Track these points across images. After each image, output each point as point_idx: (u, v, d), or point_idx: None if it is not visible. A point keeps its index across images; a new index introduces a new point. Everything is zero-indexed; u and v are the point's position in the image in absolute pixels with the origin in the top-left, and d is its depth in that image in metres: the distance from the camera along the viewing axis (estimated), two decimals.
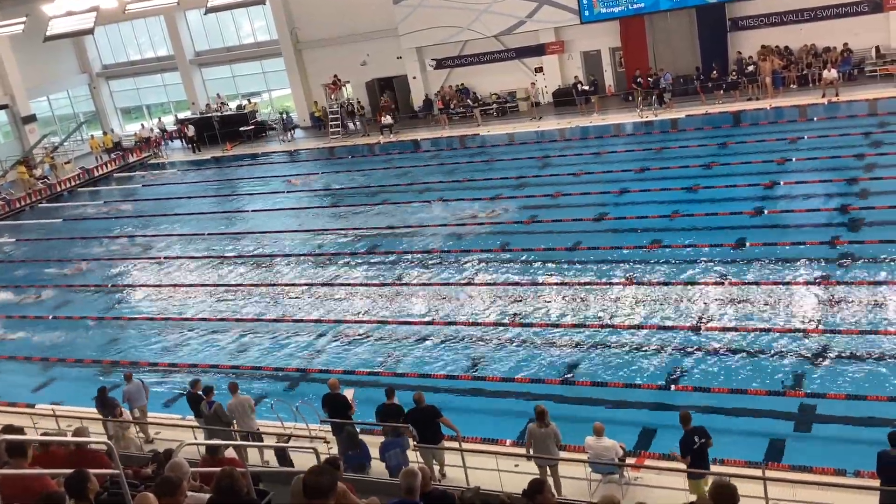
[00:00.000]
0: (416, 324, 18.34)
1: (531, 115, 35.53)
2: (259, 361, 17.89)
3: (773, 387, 13.49)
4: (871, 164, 22.82)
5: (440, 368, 16.18)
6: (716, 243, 19.50)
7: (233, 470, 5.92)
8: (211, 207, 32.07)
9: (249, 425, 13.20)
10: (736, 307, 16.41)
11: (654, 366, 14.88)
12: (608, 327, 16.56)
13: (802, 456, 11.57)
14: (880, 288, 16.07)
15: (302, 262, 23.81)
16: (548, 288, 19.05)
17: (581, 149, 30.80)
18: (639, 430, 12.88)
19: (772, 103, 29.94)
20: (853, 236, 18.73)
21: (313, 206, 30.09)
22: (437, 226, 24.64)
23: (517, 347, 16.50)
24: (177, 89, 48.29)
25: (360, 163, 34.88)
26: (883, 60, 30.82)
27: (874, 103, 27.86)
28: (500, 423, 13.98)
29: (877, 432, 11.04)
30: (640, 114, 31.89)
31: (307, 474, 4.59)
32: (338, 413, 12.65)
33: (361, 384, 15.49)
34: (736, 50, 32.94)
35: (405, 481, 6.58)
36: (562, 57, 36.98)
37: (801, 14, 32.07)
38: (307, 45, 42.25)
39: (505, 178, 28.19)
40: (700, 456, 10.39)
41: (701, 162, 25.85)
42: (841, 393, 12.99)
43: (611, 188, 25.04)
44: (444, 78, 39.66)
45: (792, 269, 17.52)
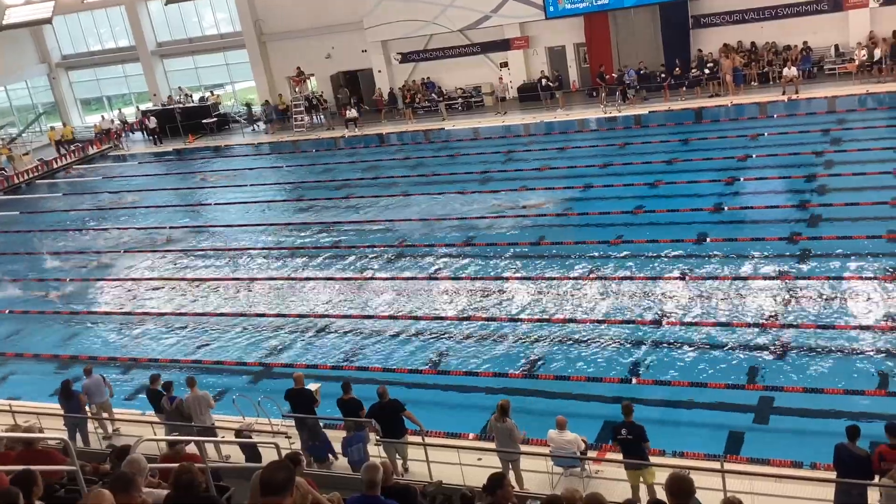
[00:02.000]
0: (379, 318, 18.30)
1: (496, 110, 35.59)
2: (221, 356, 17.73)
3: (732, 380, 13.66)
4: (829, 161, 23.20)
5: (404, 363, 16.17)
6: (677, 238, 19.70)
7: (191, 465, 5.86)
8: (172, 200, 31.71)
9: (205, 421, 13.06)
10: (697, 302, 16.60)
11: (616, 360, 14.99)
12: (571, 321, 16.65)
13: (761, 448, 11.73)
14: (838, 283, 16.34)
15: (265, 256, 23.64)
16: (512, 282, 19.11)
17: (545, 144, 30.93)
18: (601, 424, 12.96)
19: (733, 100, 30.31)
20: (812, 232, 19.02)
21: (277, 199, 29.88)
22: (401, 220, 24.61)
23: (481, 342, 16.53)
24: (138, 80, 47.67)
25: (324, 156, 34.71)
26: (842, 59, 31.33)
27: (833, 101, 28.31)
28: (464, 417, 14.00)
29: (834, 425, 11.24)
30: (604, 110, 32.10)
31: (264, 470, 4.56)
32: (301, 408, 12.58)
33: (325, 378, 15.40)
34: (697, 47, 33.28)
35: (367, 476, 6.56)
36: (527, 52, 37.10)
37: (762, 12, 32.49)
38: (271, 37, 41.91)
39: (469, 172, 28.24)
40: (627, 449, 10.57)
41: (663, 158, 26.10)
42: (798, 386, 13.19)
43: (575, 183, 25.17)
44: (410, 72, 39.58)
45: (752, 265, 17.75)
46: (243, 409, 13.75)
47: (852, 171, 22.03)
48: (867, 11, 30.77)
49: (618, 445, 10.87)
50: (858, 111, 27.53)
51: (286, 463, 5.07)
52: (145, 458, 6.97)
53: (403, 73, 39.72)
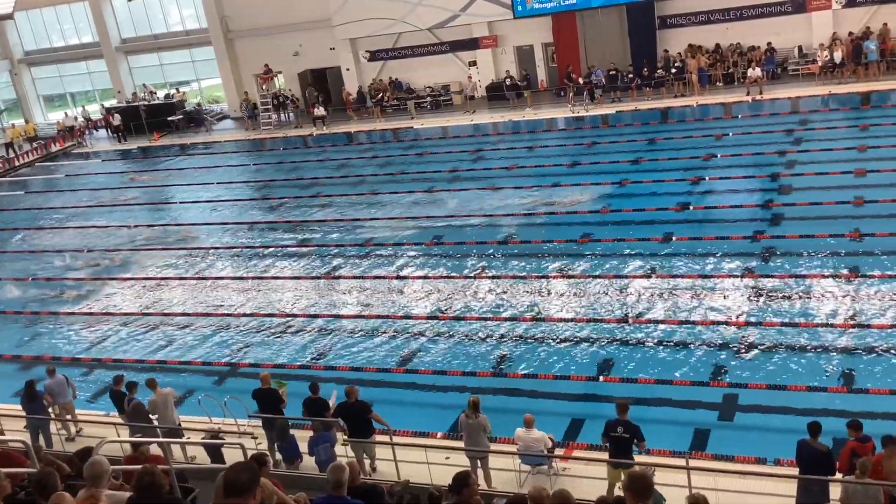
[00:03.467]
0: (347, 317, 18.24)
1: (465, 109, 35.61)
2: (186, 356, 17.56)
3: (697, 377, 13.81)
4: (792, 161, 23.51)
5: (372, 362, 16.12)
6: (644, 237, 19.87)
7: (153, 467, 5.79)
8: (137, 198, 31.34)
9: (172, 420, 12.92)
10: (663, 300, 16.74)
11: (583, 357, 15.08)
12: (539, 320, 16.72)
13: (725, 445, 11.86)
14: (800, 281, 16.56)
15: (231, 255, 23.45)
16: (480, 281, 19.13)
17: (514, 143, 31.02)
18: (568, 422, 13.04)
19: (698, 100, 30.60)
20: (775, 231, 19.26)
21: (244, 198, 29.67)
22: (370, 219, 24.56)
23: (449, 340, 16.54)
24: (102, 77, 47.06)
25: (292, 155, 34.53)
26: (805, 60, 31.77)
27: (796, 101, 28.70)
28: (432, 416, 14.01)
29: (796, 421, 11.38)
30: (571, 109, 32.25)
31: (227, 471, 4.51)
32: (268, 408, 12.50)
33: (293, 378, 15.30)
34: (664, 48, 33.56)
35: (333, 476, 6.53)
36: (495, 51, 37.16)
37: (727, 13, 32.83)
38: (238, 34, 41.57)
39: (438, 171, 28.24)
40: (619, 447, 10.59)
41: (630, 157, 26.30)
42: (762, 383, 13.35)
43: (543, 182, 25.26)
44: (378, 70, 39.49)
45: (716, 263, 17.94)
46: (209, 409, 13.62)
47: (815, 170, 22.33)
48: (830, 13, 31.23)
49: (608, 443, 10.77)
50: (821, 111, 27.93)
51: (250, 464, 5.02)
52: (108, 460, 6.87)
53: (372, 71, 39.62)
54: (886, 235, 17.69)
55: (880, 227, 18.15)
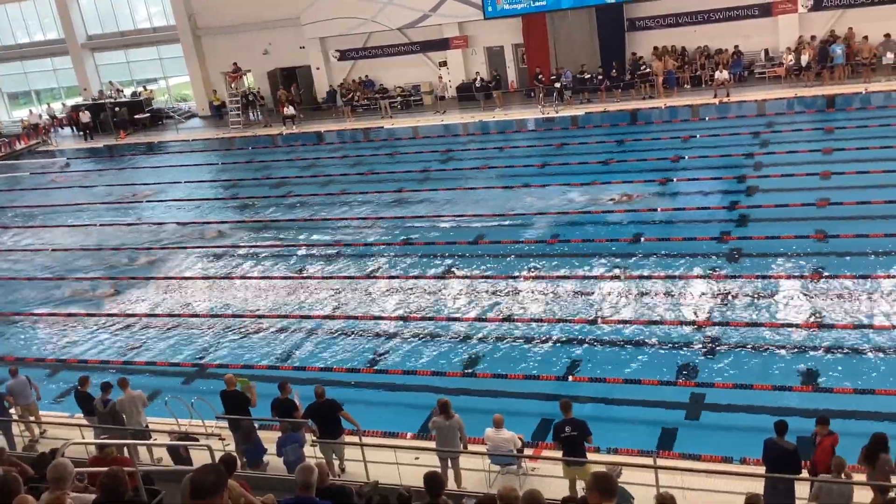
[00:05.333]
0: (316, 318, 18.15)
1: (435, 109, 35.61)
2: (153, 357, 17.38)
3: (665, 377, 13.91)
4: (758, 163, 23.79)
5: (341, 362, 16.06)
6: (612, 238, 19.99)
7: (118, 470, 5.71)
8: (103, 197, 30.96)
9: (139, 422, 12.78)
10: (631, 300, 16.85)
11: (552, 358, 15.13)
12: (509, 320, 16.76)
13: (692, 444, 11.95)
14: (766, 282, 16.76)
15: (199, 254, 23.24)
16: (449, 281, 19.14)
17: (484, 143, 31.08)
18: (537, 422, 13.07)
19: (666, 102, 30.85)
20: (741, 232, 19.46)
21: (212, 197, 29.43)
22: (340, 218, 24.47)
23: (418, 341, 16.52)
24: (68, 74, 46.42)
25: (261, 154, 34.31)
26: (771, 63, 32.17)
27: (763, 104, 29.04)
28: (402, 416, 13.97)
29: (763, 420, 11.50)
30: (541, 110, 32.37)
31: (194, 473, 4.45)
32: (234, 410, 12.39)
33: (261, 379, 15.19)
34: (632, 50, 33.79)
35: (301, 477, 6.49)
36: (466, 52, 37.20)
37: (695, 16, 33.14)
38: (206, 31, 41.23)
39: (409, 171, 28.22)
40: (570, 445, 10.67)
41: (599, 158, 26.45)
42: (729, 382, 13.48)
43: (513, 183, 25.33)
44: (349, 70, 39.36)
45: (684, 264, 18.09)
46: (176, 410, 13.48)
47: (781, 172, 22.61)
48: (796, 17, 31.65)
49: (560, 443, 10.89)
50: (787, 114, 28.32)
51: (217, 466, 4.97)
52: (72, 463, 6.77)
53: (342, 70, 39.48)
54: (850, 237, 17.95)
55: (844, 228, 18.41)
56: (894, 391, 12.60)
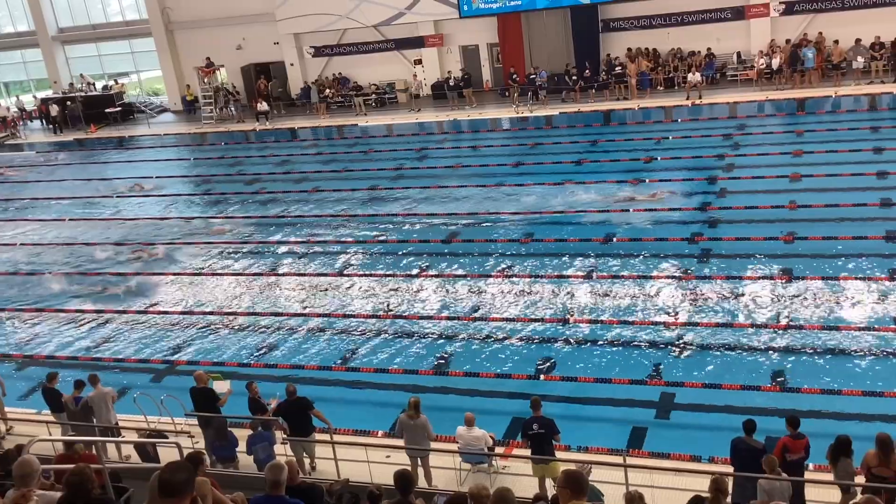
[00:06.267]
0: (288, 315, 18.06)
1: (410, 107, 35.57)
2: (122, 353, 17.20)
3: (635, 376, 14.00)
4: (730, 165, 24.02)
5: (313, 360, 16.00)
6: (585, 238, 20.08)
7: (84, 467, 5.64)
8: (72, 192, 30.58)
9: (108, 419, 12.65)
10: (602, 300, 16.94)
11: (524, 357, 15.17)
12: (481, 319, 16.78)
13: (662, 442, 12.05)
14: (736, 282, 16.92)
15: (169, 251, 23.01)
16: (422, 280, 19.13)
17: (458, 142, 31.09)
18: (509, 420, 13.09)
19: (639, 104, 31.06)
20: (712, 233, 19.64)
21: (184, 193, 29.19)
22: (313, 216, 24.38)
23: (391, 339, 16.49)
24: (38, 67, 45.81)
25: (234, 150, 34.07)
26: (743, 66, 32.49)
27: (734, 106, 29.33)
28: (373, 414, 13.93)
29: (731, 419, 11.61)
30: (515, 109, 32.45)
31: (162, 471, 4.41)
32: (204, 407, 12.29)
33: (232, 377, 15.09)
34: (607, 51, 33.98)
35: (271, 475, 6.46)
36: (441, 50, 37.20)
37: (668, 18, 33.41)
38: (179, 25, 40.89)
39: (382, 169, 28.17)
40: (538, 443, 10.73)
41: (572, 158, 26.58)
42: (698, 382, 13.60)
43: (487, 181, 25.37)
44: (323, 66, 39.21)
45: (655, 264, 18.22)
46: (145, 407, 13.34)
47: (751, 174, 22.85)
48: (768, 21, 32.02)
49: (528, 441, 10.97)
50: (758, 117, 28.63)
51: (185, 463, 4.94)
52: (38, 460, 6.69)
53: (316, 67, 39.32)
54: (819, 239, 18.18)
55: (813, 230, 18.65)
56: (860, 392, 12.77)
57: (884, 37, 29.48)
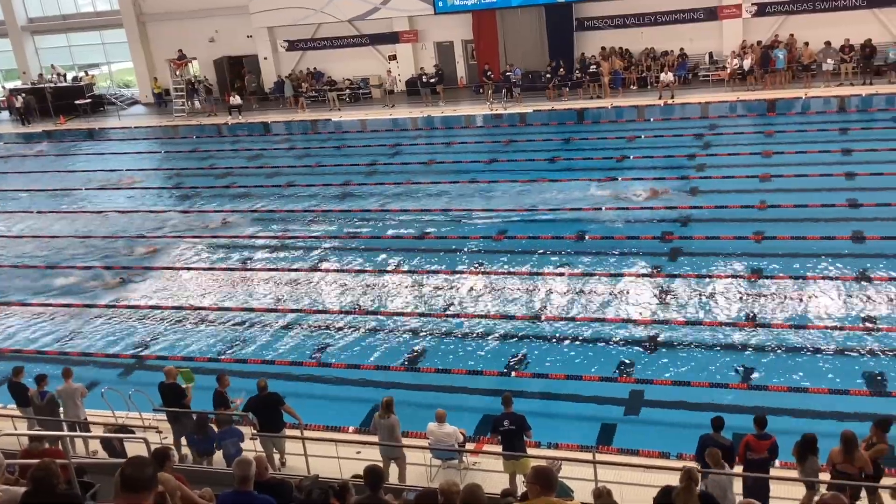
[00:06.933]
0: (259, 310, 17.95)
1: (384, 103, 35.48)
2: (90, 348, 17.00)
3: (606, 373, 14.08)
4: (701, 164, 24.21)
5: (284, 355, 15.92)
6: (558, 235, 20.15)
7: (50, 462, 5.58)
8: (41, 184, 30.15)
9: (77, 414, 12.50)
10: (574, 297, 17.01)
11: (496, 353, 15.20)
12: (453, 316, 16.78)
13: (631, 439, 12.14)
14: (706, 281, 17.07)
15: (139, 244, 22.78)
16: (395, 276, 19.10)
17: (432, 138, 31.07)
18: (480, 417, 13.12)
19: (613, 102, 31.20)
20: (683, 232, 19.78)
21: (154, 186, 28.90)
22: (285, 210, 24.25)
23: (363, 334, 16.46)
24: (6, 57, 45.10)
25: (206, 143, 33.80)
26: (715, 66, 32.75)
27: (706, 106, 29.54)
28: (344, 410, 13.91)
29: (700, 416, 11.69)
30: (490, 106, 32.47)
31: (124, 466, 4.36)
32: (173, 402, 12.18)
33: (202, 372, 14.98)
34: (581, 50, 34.09)
35: (239, 471, 6.42)
36: (415, 46, 37.12)
37: (642, 18, 33.58)
38: (151, 17, 40.45)
39: (356, 164, 28.08)
40: (509, 439, 10.78)
41: (546, 156, 26.66)
42: (668, 379, 13.71)
43: (460, 178, 25.37)
44: (297, 60, 38.99)
45: (626, 262, 18.33)
46: (113, 402, 13.20)
47: (722, 174, 23.04)
48: (740, 22, 32.27)
49: (499, 437, 10.98)
50: (729, 117, 28.86)
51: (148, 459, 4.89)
52: (2, 454, 6.60)
53: (290, 61, 39.08)
54: (787, 238, 18.38)
55: (782, 230, 18.85)
56: (827, 390, 12.93)
57: (853, 39, 29.83)
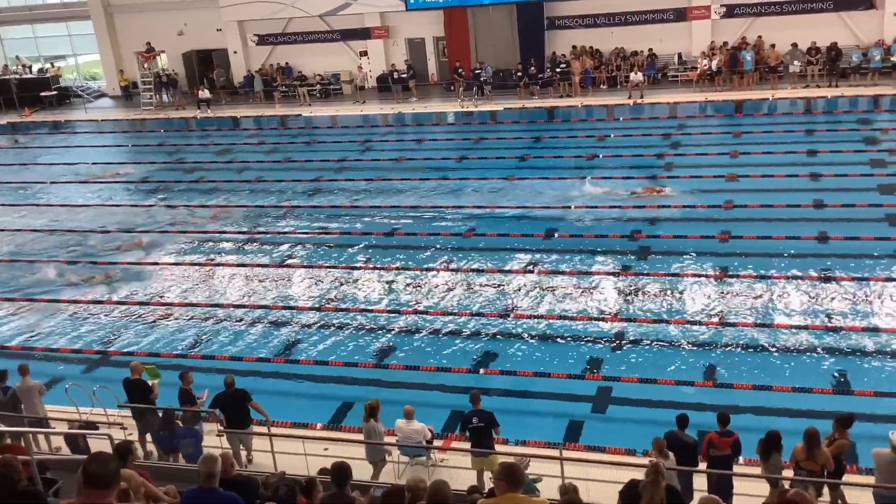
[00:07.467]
0: (227, 306, 17.82)
1: (355, 99, 35.36)
2: (54, 343, 16.77)
3: (573, 370, 14.16)
4: (669, 164, 24.41)
5: (251, 351, 15.82)
6: (527, 233, 20.22)
7: (11, 458, 5.49)
8: (3, 177, 29.68)
9: (36, 412, 12.33)
10: (543, 295, 17.08)
11: (464, 350, 15.22)
12: (422, 313, 16.78)
13: (598, 436, 12.20)
14: (673, 279, 17.22)
15: (105, 239, 22.51)
16: (364, 272, 19.06)
17: (403, 135, 31.02)
18: (448, 414, 13.14)
19: (583, 101, 31.35)
20: (651, 230, 19.94)
21: (121, 180, 28.56)
22: (255, 206, 24.09)
23: (331, 331, 16.40)
24: None
25: (174, 137, 33.46)
26: (684, 66, 33.04)
27: (675, 106, 29.79)
28: (312, 407, 13.87)
29: (666, 413, 11.79)
30: (461, 104, 32.49)
31: (87, 462, 4.31)
32: (138, 398, 12.05)
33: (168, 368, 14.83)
34: (552, 49, 34.22)
35: (204, 467, 6.37)
36: (387, 42, 37.02)
37: (612, 18, 33.79)
38: (119, 8, 39.97)
39: (326, 160, 27.96)
40: (478, 436, 10.80)
41: (516, 154, 26.73)
42: (634, 377, 13.81)
43: (431, 175, 25.35)
44: (267, 55, 38.72)
45: (595, 260, 18.44)
46: (77, 398, 13.04)
47: (690, 174, 23.25)
48: (709, 23, 32.59)
49: (467, 434, 10.99)
50: (698, 117, 29.14)
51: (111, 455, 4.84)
52: None
53: (260, 55, 38.80)
54: (753, 238, 18.60)
55: (748, 230, 19.07)
56: (790, 387, 13.10)
57: (819, 42, 30.24)
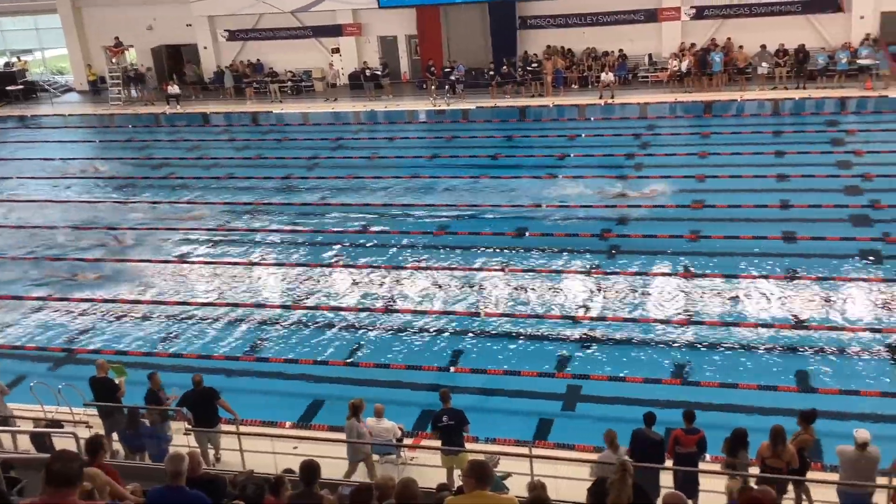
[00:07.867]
0: (195, 304, 17.68)
1: (326, 96, 35.22)
2: (19, 340, 16.55)
3: (543, 368, 14.23)
4: (639, 164, 24.59)
5: (220, 349, 15.72)
6: (498, 232, 20.27)
7: None
8: None
9: (1, 410, 12.16)
10: (513, 293, 17.14)
11: (434, 348, 15.24)
12: (392, 310, 16.77)
13: (567, 434, 12.28)
14: (642, 278, 17.36)
15: (72, 236, 22.24)
16: (334, 270, 19.01)
17: (375, 133, 30.97)
18: (418, 412, 13.14)
19: (554, 101, 31.48)
20: (621, 230, 20.08)
21: (89, 176, 28.22)
22: (225, 203, 23.92)
23: (301, 329, 16.34)
24: None
25: (143, 133, 33.12)
26: (655, 67, 33.29)
27: (645, 107, 30.01)
28: (281, 405, 13.81)
29: (633, 411, 11.88)
30: (433, 102, 32.48)
31: (51, 460, 4.26)
32: (104, 397, 11.93)
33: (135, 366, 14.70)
34: (524, 48, 34.33)
35: (170, 466, 6.33)
36: (359, 39, 36.92)
37: (583, 18, 33.96)
38: (87, 2, 39.48)
39: (297, 157, 27.83)
40: (448, 434, 10.83)
41: (488, 153, 26.79)
42: (604, 375, 13.91)
43: (402, 173, 25.33)
44: (238, 51, 38.44)
45: (565, 259, 18.53)
46: (42, 396, 12.87)
47: (659, 174, 23.42)
48: (679, 24, 32.87)
49: (438, 433, 11.00)
50: (667, 118, 29.38)
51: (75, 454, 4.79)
52: None
53: (231, 51, 38.51)
54: (721, 238, 18.79)
55: (716, 229, 19.27)
56: (756, 385, 13.27)
57: (787, 44, 30.61)
